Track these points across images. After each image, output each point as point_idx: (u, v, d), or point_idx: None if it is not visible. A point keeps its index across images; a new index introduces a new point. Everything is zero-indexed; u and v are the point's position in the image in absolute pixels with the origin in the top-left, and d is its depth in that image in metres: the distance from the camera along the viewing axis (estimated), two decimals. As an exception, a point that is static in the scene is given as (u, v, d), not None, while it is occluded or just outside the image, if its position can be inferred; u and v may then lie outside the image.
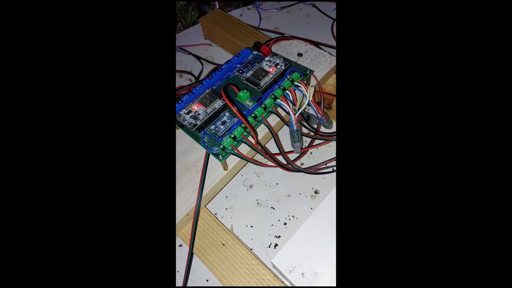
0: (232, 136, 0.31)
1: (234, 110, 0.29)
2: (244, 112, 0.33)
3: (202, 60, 0.52)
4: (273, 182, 0.40)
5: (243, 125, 0.32)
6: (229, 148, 0.32)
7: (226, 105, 0.34)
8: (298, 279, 0.29)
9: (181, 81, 0.50)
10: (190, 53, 0.53)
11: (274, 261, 0.30)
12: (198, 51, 0.53)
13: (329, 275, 0.29)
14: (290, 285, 0.30)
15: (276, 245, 0.36)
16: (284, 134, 0.42)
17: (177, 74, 0.51)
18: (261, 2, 0.57)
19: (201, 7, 0.56)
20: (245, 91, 0.33)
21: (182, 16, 0.56)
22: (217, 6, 0.55)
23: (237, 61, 0.38)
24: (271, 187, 0.40)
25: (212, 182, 0.34)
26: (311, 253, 0.30)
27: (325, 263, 0.30)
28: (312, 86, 0.35)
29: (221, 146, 0.31)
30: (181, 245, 0.36)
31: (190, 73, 0.50)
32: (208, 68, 0.51)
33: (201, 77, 0.49)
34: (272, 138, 0.35)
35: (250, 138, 0.33)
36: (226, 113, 0.34)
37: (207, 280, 0.34)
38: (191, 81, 0.50)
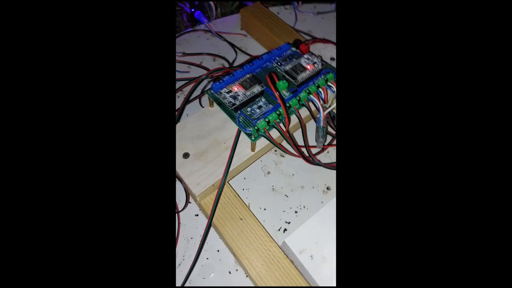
0: (267, 120, 0.34)
1: (276, 95, 0.32)
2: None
3: (236, 49, 0.54)
4: (289, 172, 0.42)
5: (277, 112, 0.34)
6: (262, 130, 0.34)
7: (263, 91, 0.36)
8: (307, 261, 0.32)
9: (214, 64, 0.53)
10: (225, 40, 0.55)
11: (287, 241, 0.32)
12: (233, 40, 0.56)
13: (335, 262, 0.31)
14: (298, 266, 0.33)
15: (285, 229, 0.38)
16: (307, 130, 0.45)
17: (210, 57, 0.53)
18: (299, 3, 0.60)
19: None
20: (285, 81, 0.35)
21: (221, 4, 0.58)
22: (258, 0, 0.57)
23: (277, 54, 0.41)
24: (287, 176, 0.42)
25: (239, 160, 0.36)
26: (322, 239, 0.33)
27: (333, 250, 0.32)
28: (344, 88, 0.38)
29: (256, 128, 0.33)
30: (197, 215, 0.39)
31: (224, 58, 0.52)
32: (241, 57, 0.53)
33: (235, 64, 0.52)
34: (300, 129, 0.37)
35: (281, 125, 0.35)
36: (262, 99, 0.36)
37: (218, 251, 0.36)
38: (223, 65, 0.52)
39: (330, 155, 0.44)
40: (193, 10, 0.55)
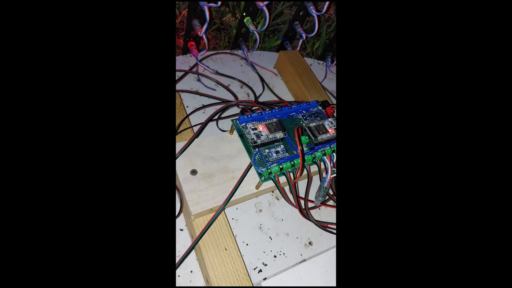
0: (281, 167, 0.36)
1: (299, 149, 0.34)
2: (295, 152, 0.37)
3: (265, 84, 0.56)
4: (279, 216, 0.44)
5: (292, 163, 0.36)
6: (273, 175, 0.36)
7: (284, 138, 0.38)
8: (275, 309, 0.33)
9: (240, 91, 0.55)
10: (257, 73, 0.58)
11: (264, 285, 0.33)
12: (264, 74, 0.58)
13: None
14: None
15: (260, 270, 0.39)
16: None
17: (238, 83, 0.55)
18: (332, 63, 0.64)
19: (284, 43, 0.61)
20: (307, 137, 0.38)
21: (264, 39, 0.62)
22: (298, 48, 0.61)
23: (305, 108, 0.43)
24: (276, 220, 0.44)
25: (241, 193, 0.37)
26: (295, 293, 0.34)
27: (303, 307, 0.33)
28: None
29: (269, 170, 0.35)
30: (182, 230, 0.39)
31: (251, 88, 0.55)
32: (266, 93, 0.56)
33: (260, 99, 0.54)
34: (304, 182, 0.39)
35: (291, 174, 0.37)
36: (281, 145, 0.38)
37: (191, 271, 0.37)
38: (248, 95, 0.55)
39: (320, 213, 0.46)
40: (237, 35, 0.58)
